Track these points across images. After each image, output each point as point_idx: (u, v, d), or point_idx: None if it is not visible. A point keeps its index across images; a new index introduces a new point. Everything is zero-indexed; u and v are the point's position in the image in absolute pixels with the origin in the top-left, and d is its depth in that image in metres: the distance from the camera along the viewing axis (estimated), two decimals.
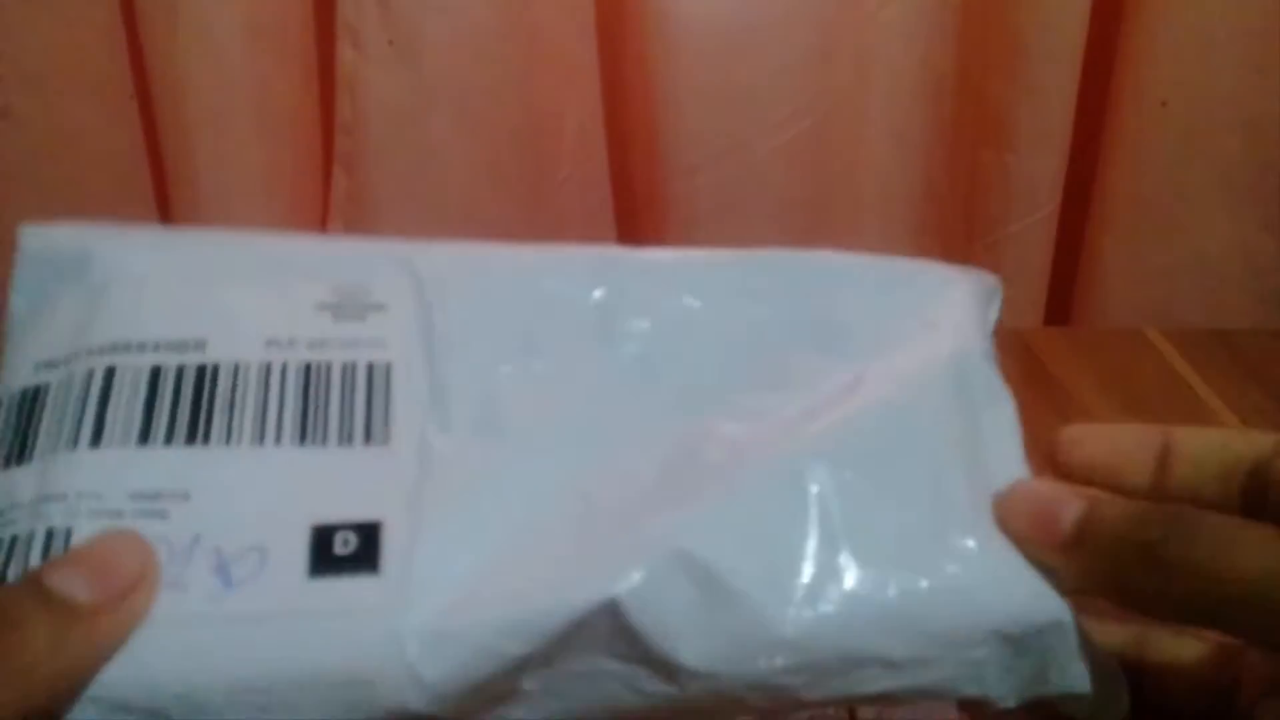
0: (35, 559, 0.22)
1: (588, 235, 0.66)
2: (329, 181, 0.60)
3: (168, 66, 0.56)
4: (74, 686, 0.21)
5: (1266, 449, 0.25)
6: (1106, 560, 0.23)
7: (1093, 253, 0.65)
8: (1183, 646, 0.27)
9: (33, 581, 0.21)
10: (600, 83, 0.61)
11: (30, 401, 0.25)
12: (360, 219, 0.60)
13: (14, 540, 0.23)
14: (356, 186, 0.60)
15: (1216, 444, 0.25)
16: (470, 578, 0.24)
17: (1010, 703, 0.26)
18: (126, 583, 0.22)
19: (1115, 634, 0.27)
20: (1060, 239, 0.64)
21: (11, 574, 0.22)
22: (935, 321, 0.30)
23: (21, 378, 0.25)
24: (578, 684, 0.25)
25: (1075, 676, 0.26)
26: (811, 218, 0.62)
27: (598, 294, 0.29)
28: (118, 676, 0.22)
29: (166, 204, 0.60)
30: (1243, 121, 0.59)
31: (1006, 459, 0.28)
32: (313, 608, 0.23)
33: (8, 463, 0.24)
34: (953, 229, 0.65)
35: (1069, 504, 0.24)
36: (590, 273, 0.29)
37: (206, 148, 0.57)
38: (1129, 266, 0.64)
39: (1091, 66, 0.59)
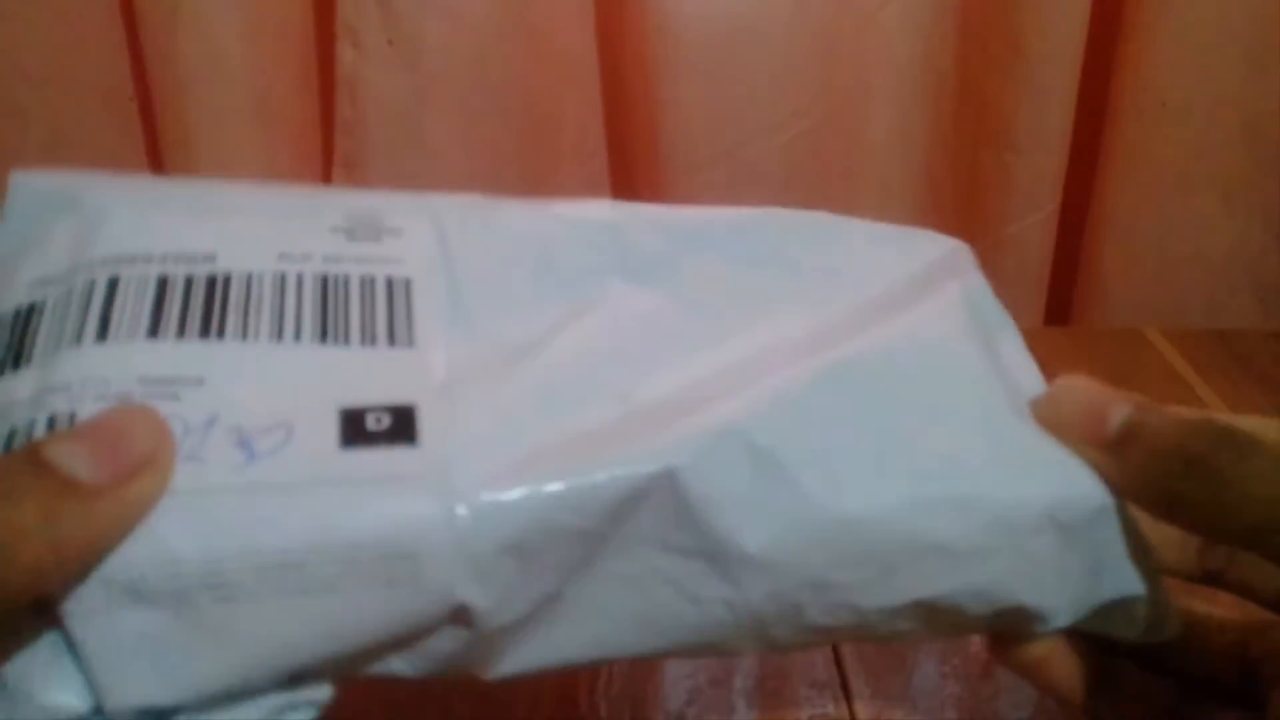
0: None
1: None
2: (329, 181, 0.60)
3: (168, 66, 0.56)
4: (67, 569, 0.19)
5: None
6: (1155, 462, 0.22)
7: (1093, 253, 0.65)
8: (1207, 610, 0.27)
9: (30, 451, 0.19)
10: (600, 83, 0.61)
11: (26, 315, 0.23)
12: None
13: (13, 432, 0.21)
14: (356, 186, 0.60)
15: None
16: (516, 453, 0.22)
17: (1064, 621, 0.26)
18: (133, 462, 0.20)
19: None
20: (1060, 239, 0.64)
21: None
22: (935, 265, 0.31)
23: (15, 297, 0.24)
24: (626, 593, 0.24)
25: (1127, 578, 0.26)
26: None
27: (611, 231, 0.28)
28: (131, 554, 0.20)
29: None
30: (1243, 121, 0.59)
31: (1028, 375, 0.28)
32: (347, 475, 0.21)
33: (2, 370, 0.22)
34: (953, 229, 0.64)
35: (1118, 403, 0.23)
36: (603, 215, 0.29)
37: (206, 148, 0.57)
38: (1129, 266, 0.64)
39: (1091, 66, 0.59)
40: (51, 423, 0.21)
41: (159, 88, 0.57)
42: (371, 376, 0.23)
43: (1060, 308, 0.67)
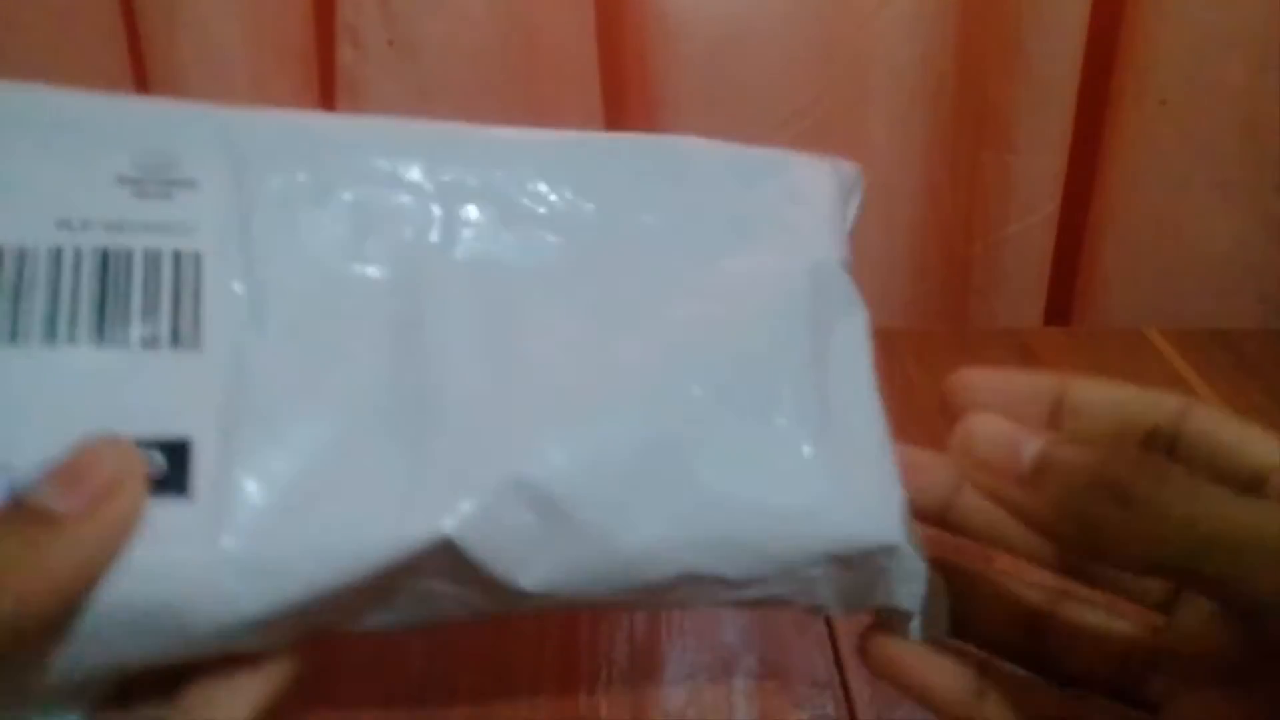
0: None
1: None
2: None
3: (168, 66, 0.56)
4: (57, 599, 0.19)
5: (1170, 412, 0.25)
6: (1072, 493, 0.22)
7: (1093, 253, 0.65)
8: (1096, 615, 0.27)
9: (12, 499, 0.20)
10: (600, 83, 0.61)
11: None
12: None
13: None
14: None
15: (1113, 401, 0.25)
16: (292, 501, 0.21)
17: (837, 613, 0.26)
18: (100, 487, 0.20)
19: (1030, 594, 0.27)
20: (1060, 239, 0.64)
21: None
22: (794, 224, 0.29)
23: None
24: (407, 602, 0.23)
25: (905, 596, 0.26)
26: None
27: (437, 179, 0.25)
28: None
29: None
30: (1243, 121, 0.59)
31: (854, 373, 0.27)
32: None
33: None
34: (953, 229, 0.65)
35: (1029, 439, 0.23)
36: (430, 155, 0.25)
37: None
38: (1129, 266, 0.64)
39: (1091, 66, 0.59)
40: None
41: (158, 87, 0.57)
42: (149, 394, 0.21)
43: (1060, 308, 0.67)
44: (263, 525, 0.21)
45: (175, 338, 0.22)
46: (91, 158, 0.23)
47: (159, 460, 0.21)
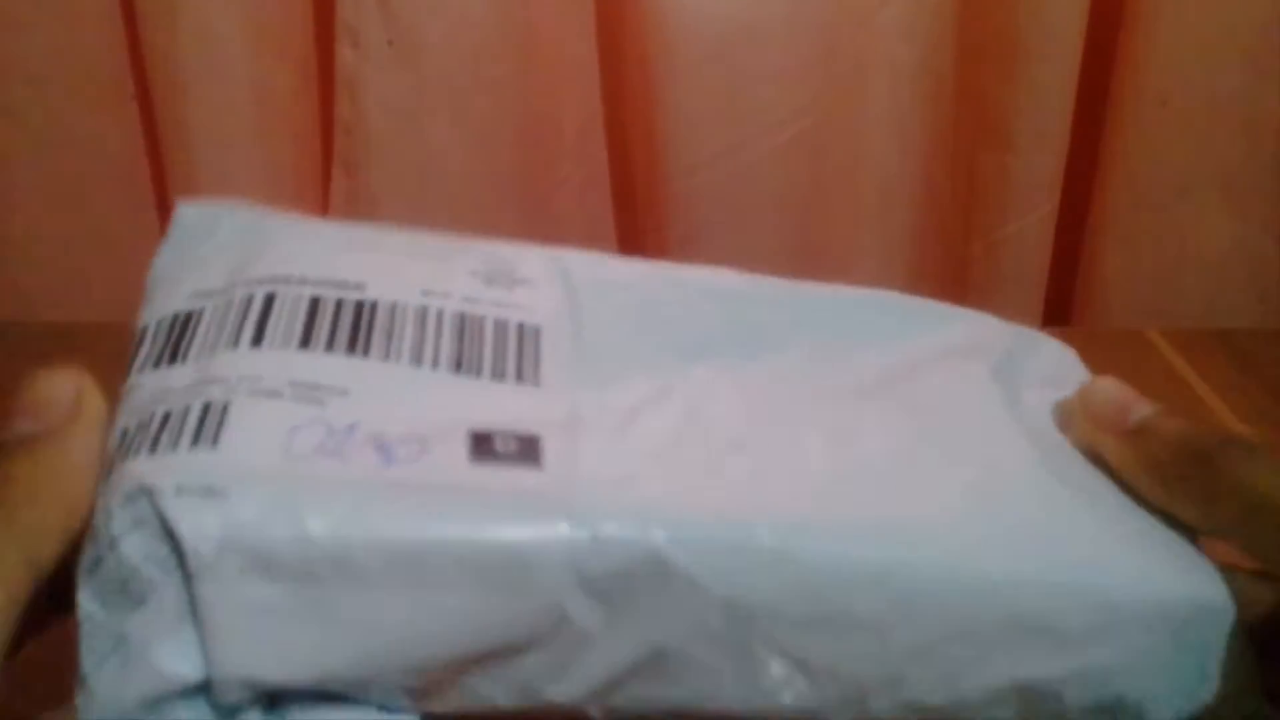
0: (190, 429, 0.22)
1: (587, 234, 0.66)
2: (329, 181, 0.60)
3: (168, 66, 0.56)
4: (51, 525, 0.22)
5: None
6: (1165, 450, 0.26)
7: (1092, 253, 0.65)
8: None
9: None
10: (600, 83, 0.61)
11: (184, 322, 0.25)
12: (360, 219, 0.60)
13: (168, 415, 0.23)
14: (356, 186, 0.60)
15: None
16: (634, 496, 0.24)
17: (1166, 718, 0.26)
18: (64, 411, 0.23)
19: None
20: (1060, 239, 0.64)
21: (163, 443, 0.22)
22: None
23: (175, 305, 0.26)
24: (723, 654, 0.24)
25: (1233, 675, 0.26)
26: (811, 217, 0.62)
27: (727, 303, 0.30)
28: (268, 529, 0.21)
29: (166, 204, 0.60)
30: (1243, 121, 0.59)
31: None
32: (476, 484, 0.23)
33: (159, 363, 0.24)
34: (952, 228, 0.65)
35: (1141, 403, 0.27)
36: (722, 284, 0.31)
37: (206, 148, 0.57)
38: (1129, 266, 0.64)
39: (1091, 66, 0.59)
40: (206, 409, 0.23)
41: (159, 87, 0.57)
42: (500, 407, 0.25)
43: (1060, 308, 0.67)
44: (616, 502, 0.23)
45: (520, 375, 0.26)
46: (448, 259, 0.28)
47: (513, 444, 0.24)
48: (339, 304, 0.26)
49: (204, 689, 0.22)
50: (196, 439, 0.22)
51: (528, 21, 0.57)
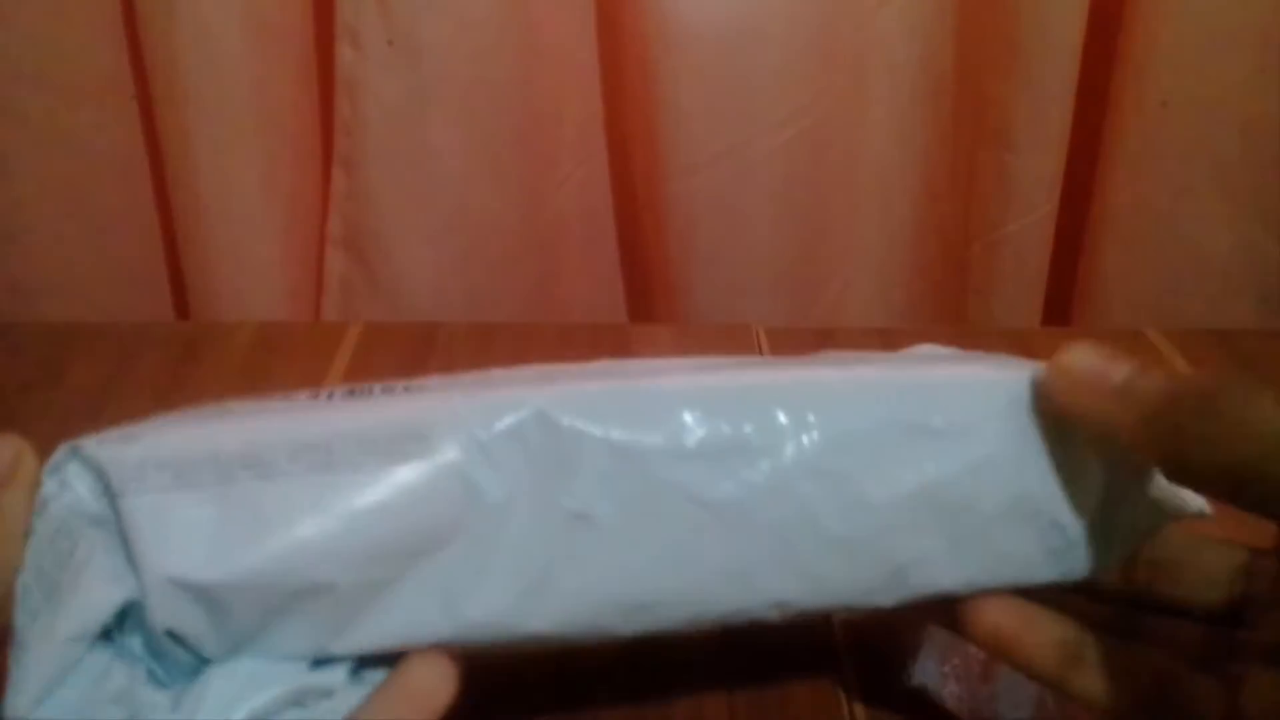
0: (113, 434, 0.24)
1: (587, 234, 0.66)
2: (329, 181, 0.60)
3: (168, 66, 0.56)
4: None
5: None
6: (1162, 399, 0.25)
7: (1092, 253, 0.65)
8: (1199, 548, 0.29)
9: None
10: (600, 83, 0.61)
11: None
12: (360, 219, 0.60)
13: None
14: (356, 186, 0.60)
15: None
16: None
17: (1085, 522, 0.28)
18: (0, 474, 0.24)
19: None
20: (1059, 239, 0.64)
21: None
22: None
23: None
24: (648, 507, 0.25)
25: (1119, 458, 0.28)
26: (811, 217, 0.62)
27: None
28: (183, 442, 0.24)
29: (166, 204, 0.60)
30: (1243, 121, 0.59)
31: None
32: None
33: None
34: (951, 228, 0.65)
35: (1119, 363, 0.26)
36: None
37: (206, 148, 0.57)
38: (1129, 266, 0.64)
39: (1091, 66, 0.59)
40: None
41: (158, 87, 0.57)
42: None
43: (1060, 308, 0.67)
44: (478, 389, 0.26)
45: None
46: None
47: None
48: None
49: (131, 622, 0.23)
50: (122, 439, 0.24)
51: (528, 21, 0.58)
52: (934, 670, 0.36)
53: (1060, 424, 0.28)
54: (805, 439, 0.26)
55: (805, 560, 0.27)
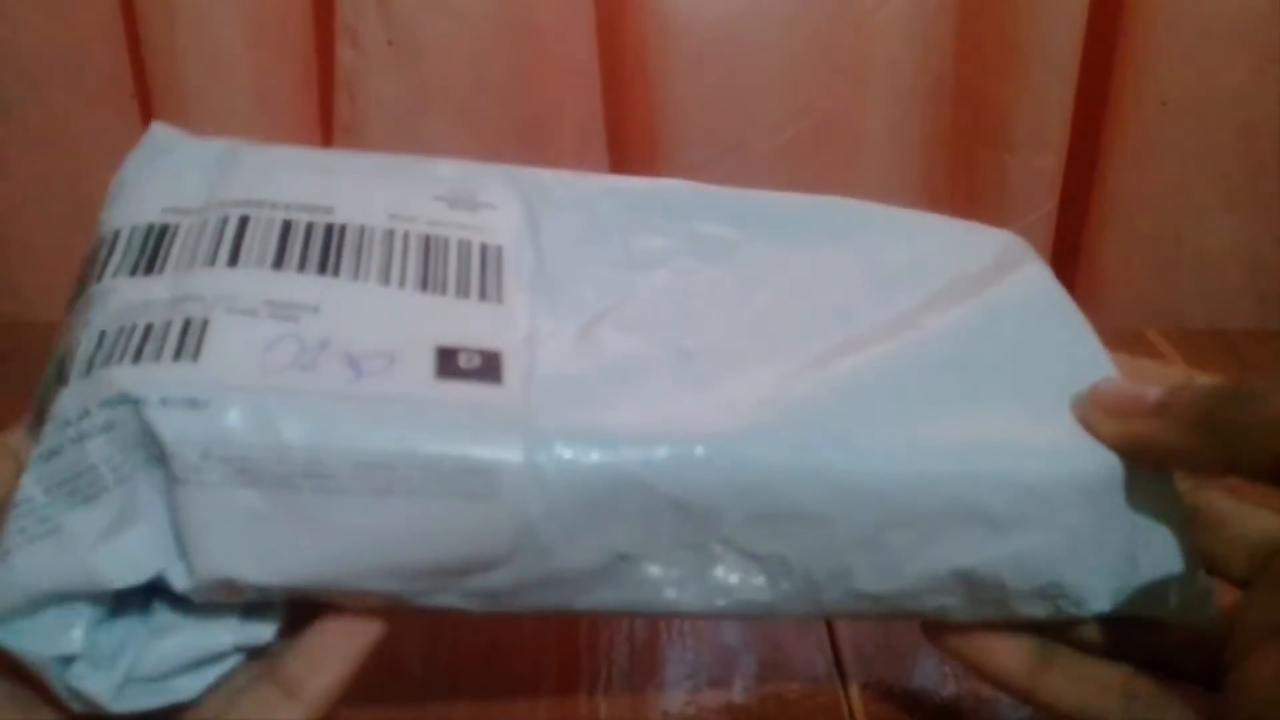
0: (172, 343, 0.24)
1: None
2: None
3: (168, 66, 0.56)
4: None
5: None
6: (1201, 405, 0.25)
7: (1092, 253, 0.65)
8: (1242, 509, 0.29)
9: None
10: (600, 83, 0.61)
11: (159, 234, 0.27)
12: None
13: (149, 327, 0.24)
14: None
15: None
16: (589, 410, 0.25)
17: (1104, 604, 0.27)
18: None
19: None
20: (1059, 239, 0.64)
21: (146, 354, 0.23)
22: (993, 257, 0.34)
23: (145, 215, 0.27)
24: (687, 555, 0.25)
25: (1165, 557, 0.27)
26: None
27: (682, 216, 0.31)
28: (249, 435, 0.23)
29: None
30: (1243, 121, 0.59)
31: (1087, 355, 0.30)
32: (440, 398, 0.24)
33: (135, 271, 0.25)
34: None
35: (1150, 385, 0.27)
36: (676, 198, 0.32)
37: None
38: (1129, 266, 0.64)
39: (1090, 66, 0.59)
40: (186, 325, 0.24)
41: (158, 86, 0.57)
42: (464, 323, 0.26)
43: None
44: (575, 418, 0.25)
45: (483, 293, 0.27)
46: (413, 184, 0.30)
47: (476, 359, 0.25)
48: (309, 227, 0.27)
49: (108, 600, 0.23)
50: (178, 353, 0.23)
51: (528, 21, 0.57)
52: (934, 670, 0.36)
53: (1118, 518, 0.27)
54: (870, 516, 0.26)
55: (824, 600, 0.27)
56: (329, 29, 0.57)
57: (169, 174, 0.28)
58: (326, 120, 0.60)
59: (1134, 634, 0.28)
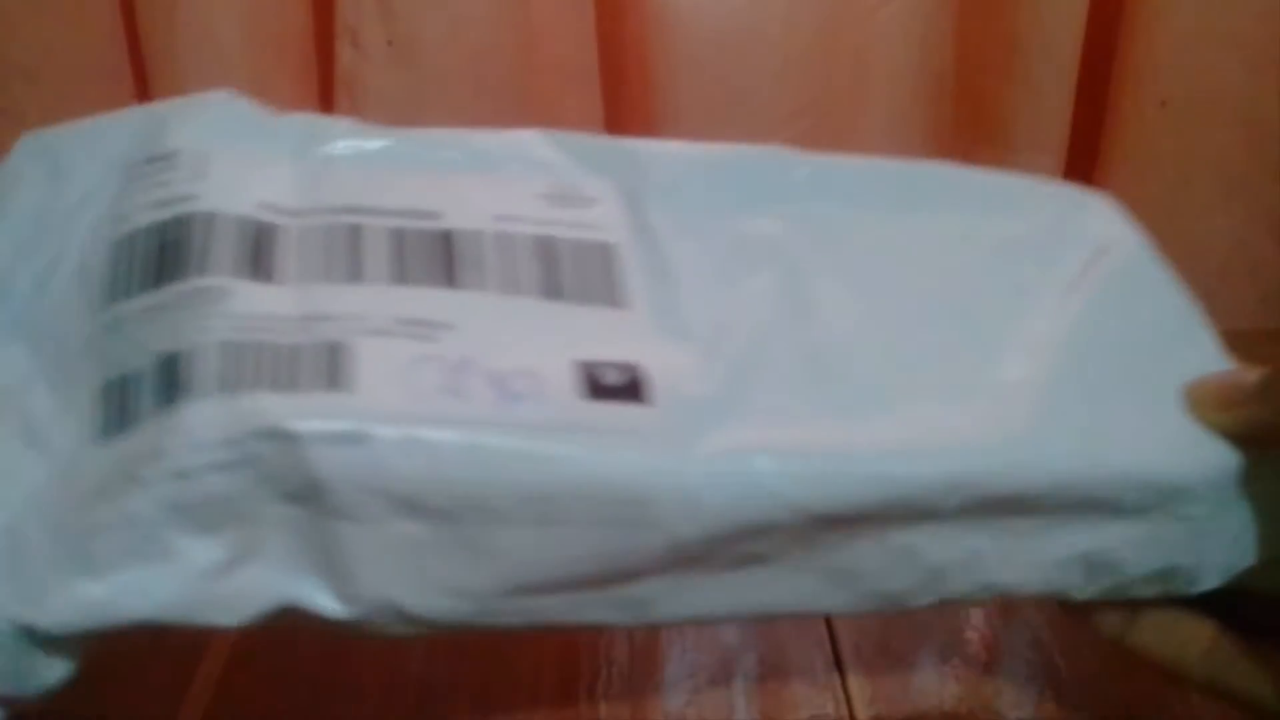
0: (315, 369, 0.23)
1: None
2: None
3: (168, 66, 0.56)
4: None
5: None
6: None
7: None
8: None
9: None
10: (600, 83, 0.61)
11: (262, 234, 0.25)
12: None
13: (286, 350, 0.23)
14: None
15: None
16: (741, 425, 0.25)
17: (1213, 580, 0.28)
18: None
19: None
20: None
21: (290, 381, 0.22)
22: (1091, 229, 0.34)
23: (239, 206, 0.25)
24: (831, 553, 0.25)
25: (1275, 527, 0.28)
26: None
27: (789, 200, 0.31)
28: (408, 468, 0.22)
29: None
30: (1243, 121, 0.59)
31: (1190, 331, 0.31)
32: (593, 423, 0.24)
33: (244, 273, 0.24)
34: None
35: (1249, 370, 0.28)
36: (780, 177, 0.32)
37: None
38: None
39: (1090, 66, 0.59)
40: (333, 350, 0.23)
41: (158, 86, 0.57)
42: (595, 333, 0.26)
43: None
44: (714, 435, 0.24)
45: (605, 298, 0.26)
46: (515, 182, 0.28)
47: (617, 376, 0.25)
48: (421, 234, 0.26)
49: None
50: (325, 381, 0.23)
51: (528, 21, 0.57)
52: (934, 670, 0.36)
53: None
54: (999, 510, 0.26)
55: (949, 590, 0.27)
56: (329, 29, 0.57)
57: (255, 160, 0.27)
58: None
59: (1224, 594, 0.29)
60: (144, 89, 0.58)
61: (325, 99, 0.60)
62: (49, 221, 0.26)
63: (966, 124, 0.62)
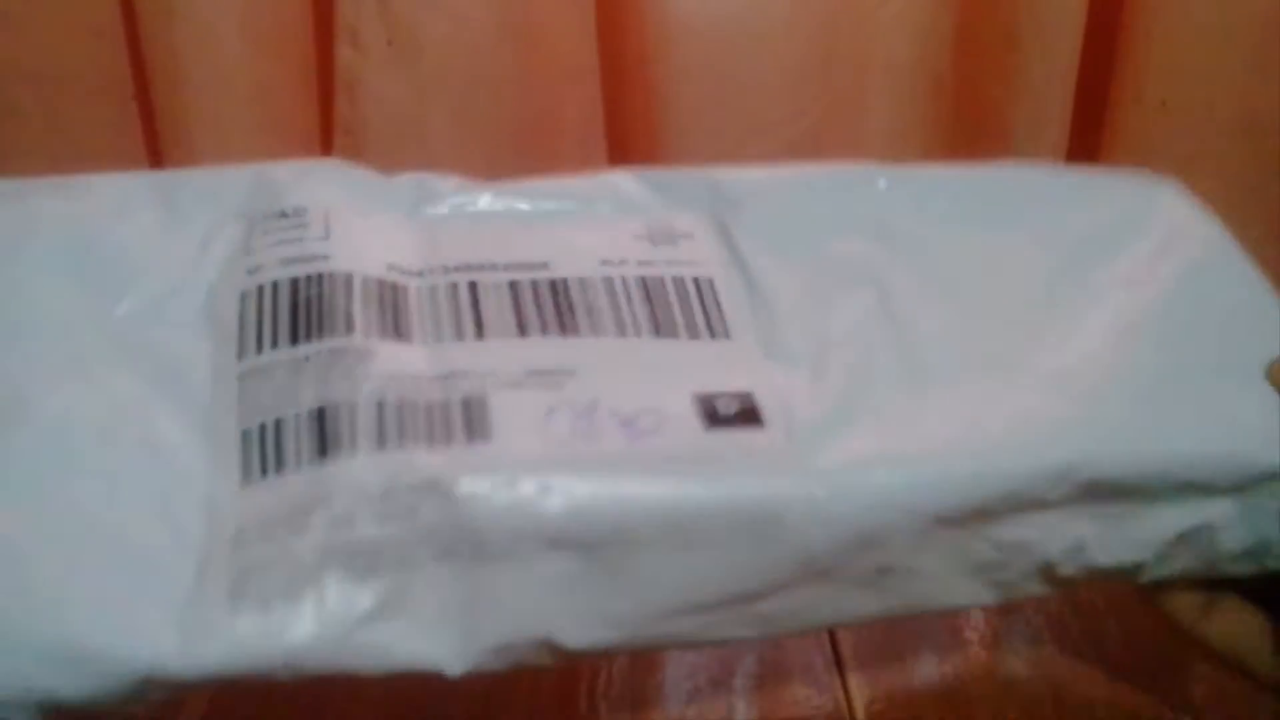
0: (460, 424, 0.25)
1: None
2: None
3: (168, 66, 0.56)
4: None
5: None
6: None
7: None
8: None
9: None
10: (600, 83, 0.61)
11: (394, 295, 0.27)
12: None
13: (433, 407, 0.25)
14: None
15: None
16: (857, 433, 0.26)
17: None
18: None
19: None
20: None
21: (439, 436, 0.24)
22: (1160, 215, 0.34)
23: (371, 267, 0.28)
24: (950, 555, 0.26)
25: None
26: None
27: (874, 216, 0.32)
28: (551, 506, 0.24)
29: None
30: (1243, 121, 0.59)
31: (1261, 305, 0.32)
32: (717, 452, 0.25)
33: (385, 334, 0.26)
34: None
35: None
36: (863, 194, 0.33)
37: (206, 147, 0.57)
38: None
39: (1090, 66, 0.59)
40: (467, 404, 0.25)
41: (158, 86, 0.57)
42: (707, 366, 0.27)
43: None
44: (832, 450, 0.26)
45: (711, 331, 0.28)
46: (612, 224, 0.30)
47: (733, 405, 0.26)
48: (534, 285, 0.28)
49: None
50: (469, 434, 0.25)
51: (528, 21, 0.57)
52: (934, 669, 0.36)
53: None
54: (1097, 510, 0.28)
55: (1058, 575, 0.28)
56: (329, 29, 0.57)
57: (375, 223, 0.29)
58: (326, 120, 0.60)
59: None
60: (144, 89, 0.58)
61: (325, 99, 0.60)
62: (166, 254, 0.28)
63: (966, 123, 0.62)
